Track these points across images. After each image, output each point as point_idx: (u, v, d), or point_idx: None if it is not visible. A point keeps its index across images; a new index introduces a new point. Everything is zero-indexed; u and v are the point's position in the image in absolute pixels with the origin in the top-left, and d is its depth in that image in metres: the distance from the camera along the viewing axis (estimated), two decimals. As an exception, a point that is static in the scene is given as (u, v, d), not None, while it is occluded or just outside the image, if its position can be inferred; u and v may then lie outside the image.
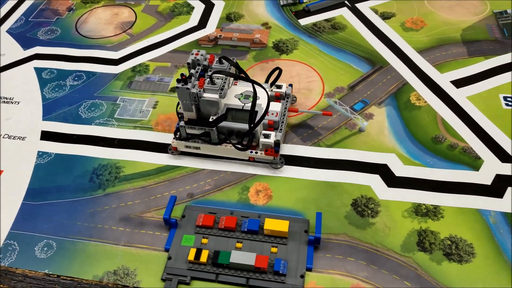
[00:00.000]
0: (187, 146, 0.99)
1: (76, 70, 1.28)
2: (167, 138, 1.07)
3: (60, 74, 1.27)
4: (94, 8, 1.51)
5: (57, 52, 1.35)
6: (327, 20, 1.40)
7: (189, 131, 0.96)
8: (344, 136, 1.06)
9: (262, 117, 0.93)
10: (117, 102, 1.17)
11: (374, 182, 0.95)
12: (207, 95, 0.91)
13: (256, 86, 0.95)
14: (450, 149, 1.00)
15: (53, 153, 1.06)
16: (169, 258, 0.82)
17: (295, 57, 1.28)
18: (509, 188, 0.92)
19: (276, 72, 1.08)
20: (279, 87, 1.05)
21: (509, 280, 0.78)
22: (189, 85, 0.89)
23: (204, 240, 0.84)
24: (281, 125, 0.98)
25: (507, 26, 1.32)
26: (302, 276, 0.79)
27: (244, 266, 0.78)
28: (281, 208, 0.91)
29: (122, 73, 1.26)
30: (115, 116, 1.14)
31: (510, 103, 1.10)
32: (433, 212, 0.89)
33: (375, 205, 0.91)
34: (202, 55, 0.96)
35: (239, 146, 0.96)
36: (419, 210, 0.89)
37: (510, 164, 0.96)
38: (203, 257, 0.80)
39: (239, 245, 0.83)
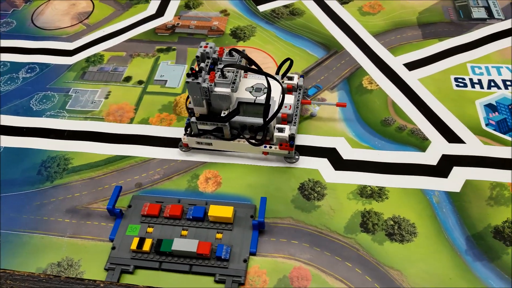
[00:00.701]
0: (198, 142, 0.96)
1: (29, 62, 1.26)
2: (117, 128, 1.06)
3: (13, 67, 1.26)
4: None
5: (12, 45, 1.33)
6: (286, 6, 1.40)
7: (200, 127, 0.93)
8: (301, 120, 1.06)
9: (277, 111, 0.88)
10: (69, 94, 1.16)
11: (322, 165, 0.96)
12: (218, 89, 0.87)
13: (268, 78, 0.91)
14: (398, 131, 1.01)
15: (1, 147, 1.04)
16: (113, 248, 0.82)
17: (252, 44, 1.28)
18: (454, 168, 0.93)
19: (288, 63, 1.03)
20: (291, 78, 1.01)
21: (449, 257, 0.80)
22: (199, 80, 0.85)
23: (150, 229, 0.84)
24: (295, 118, 0.94)
25: (463, 8, 1.33)
26: (245, 261, 0.80)
27: (187, 253, 0.79)
28: (230, 195, 0.92)
29: (76, 64, 1.25)
30: (66, 107, 1.13)
31: (460, 84, 1.12)
32: (378, 193, 0.90)
33: (321, 188, 0.92)
34: (211, 47, 0.92)
35: (253, 141, 0.92)
36: (364, 192, 0.90)
37: (456, 144, 0.97)
38: (146, 246, 0.80)
39: (184, 232, 0.84)
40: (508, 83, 1.11)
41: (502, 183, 0.90)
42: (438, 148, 0.97)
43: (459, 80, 1.12)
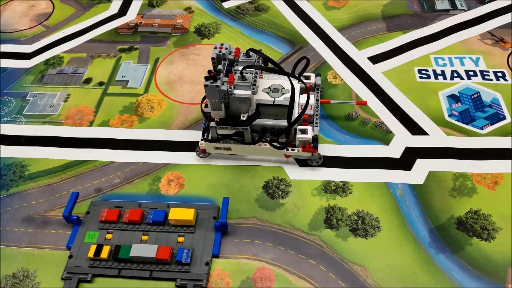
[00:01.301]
0: (216, 148, 0.93)
1: (-15, 67, 1.22)
2: (77, 131, 1.03)
3: (-32, 72, 1.21)
4: (10, 1, 1.44)
5: (-33, 49, 1.28)
6: (251, 2, 1.38)
7: (220, 131, 0.89)
8: (261, 119, 1.04)
9: (302, 112, 0.85)
10: (27, 98, 1.13)
11: (287, 163, 0.95)
12: (238, 92, 0.84)
13: (287, 78, 0.88)
14: (362, 125, 1.01)
15: (-45, 155, 1.01)
16: (70, 256, 0.80)
17: (216, 41, 1.26)
18: (417, 160, 0.93)
19: (304, 62, 0.96)
20: (307, 77, 0.97)
21: (413, 250, 0.80)
22: (218, 82, 0.82)
23: (108, 236, 0.82)
24: (316, 119, 0.91)
25: (427, 0, 1.33)
26: (207, 264, 0.78)
27: (146, 258, 0.77)
28: (193, 196, 0.90)
29: (35, 67, 1.21)
30: (23, 112, 1.09)
31: (424, 76, 1.12)
32: (342, 188, 0.89)
33: (286, 186, 0.90)
34: (226, 48, 0.88)
35: (277, 144, 0.88)
36: (328, 188, 0.89)
37: (420, 136, 0.97)
38: (104, 253, 0.78)
39: (144, 237, 0.82)
40: (471, 73, 1.11)
41: (464, 174, 0.90)
42: (401, 140, 0.97)
43: (423, 71, 1.12)
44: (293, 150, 0.90)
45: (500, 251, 0.78)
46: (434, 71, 1.12)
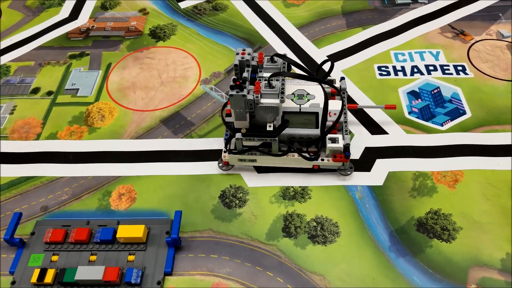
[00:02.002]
0: (241, 160, 0.89)
1: None
2: (23, 146, 0.99)
3: None
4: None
5: None
6: (208, 1, 1.34)
7: (245, 143, 0.85)
8: (218, 125, 1.02)
9: (337, 120, 0.81)
10: (-30, 112, 1.07)
11: (245, 169, 0.92)
12: (265, 101, 0.79)
13: (309, 83, 0.86)
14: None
15: None
16: (13, 282, 0.75)
17: (172, 43, 1.22)
18: (377, 160, 0.91)
19: (329, 65, 0.92)
20: (332, 82, 0.92)
21: (373, 255, 0.78)
22: (244, 91, 0.77)
23: (54, 258, 0.78)
24: (345, 126, 0.86)
25: (387, -6, 1.32)
26: (159, 283, 0.75)
27: (93, 281, 0.74)
28: (145, 210, 0.87)
29: (-22, 79, 1.15)
30: (-35, 128, 1.03)
31: (384, 73, 1.10)
32: (301, 194, 0.87)
33: (243, 194, 0.88)
34: (249, 54, 0.83)
35: (308, 155, 0.85)
36: (286, 194, 0.87)
37: (379, 135, 0.96)
38: (48, 277, 0.74)
39: (92, 258, 0.78)
40: (431, 68, 1.10)
41: (425, 173, 0.88)
42: (361, 141, 0.95)
43: (383, 68, 1.11)
44: (322, 160, 0.86)
45: (460, 252, 0.77)
46: (394, 67, 1.11)
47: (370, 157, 0.92)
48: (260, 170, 0.92)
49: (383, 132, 0.96)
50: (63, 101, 1.08)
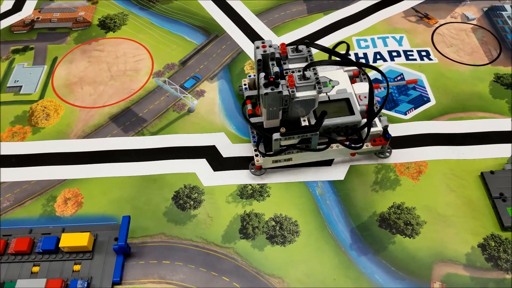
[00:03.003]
0: (276, 161, 0.85)
1: None
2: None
3: None
4: None
5: None
6: (162, -12, 1.29)
7: (284, 142, 0.80)
8: (172, 120, 0.98)
9: (383, 105, 0.80)
10: None
11: (200, 167, 0.89)
12: (301, 94, 0.75)
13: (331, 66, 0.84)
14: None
15: None
16: None
17: (123, 34, 1.17)
18: (339, 154, 0.89)
19: (345, 47, 0.91)
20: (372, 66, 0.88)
21: (332, 255, 0.76)
22: (280, 88, 0.73)
23: (-8, 271, 0.73)
24: (376, 108, 0.84)
25: (349, -23, 1.29)
26: (107, 293, 0.71)
27: (33, 295, 0.69)
28: (93, 216, 0.82)
29: None
30: None
31: (346, 60, 1.07)
32: (259, 192, 0.84)
33: (198, 194, 0.84)
34: (271, 46, 0.79)
35: (355, 145, 0.83)
36: (244, 192, 0.84)
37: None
38: (-17, 294, 0.69)
39: (35, 269, 0.74)
40: (394, 54, 1.08)
41: (387, 165, 0.87)
42: (322, 133, 0.92)
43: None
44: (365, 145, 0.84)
45: (424, 247, 0.76)
46: (356, 54, 1.08)
47: (331, 150, 0.89)
48: (216, 167, 0.88)
49: (345, 123, 0.93)
50: (5, 99, 1.02)
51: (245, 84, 0.93)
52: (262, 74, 0.73)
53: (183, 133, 0.95)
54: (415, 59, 1.06)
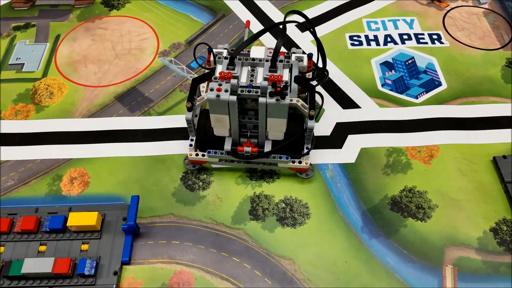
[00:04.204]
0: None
1: None
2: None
3: None
4: None
5: None
6: (167, -34, 1.27)
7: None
8: (179, 100, 0.97)
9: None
10: None
11: (208, 149, 0.88)
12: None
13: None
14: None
15: None
16: (-49, 279, 0.70)
17: (127, 12, 1.16)
18: (349, 136, 0.89)
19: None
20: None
21: (343, 238, 0.77)
22: (287, 99, 0.72)
23: (0, 249, 0.73)
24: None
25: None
26: (116, 273, 0.71)
27: (42, 274, 0.69)
28: (100, 195, 0.82)
29: None
30: None
31: (356, 43, 1.07)
32: (269, 174, 0.84)
33: (207, 175, 0.84)
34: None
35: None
36: (253, 174, 0.84)
37: (351, 110, 0.93)
38: (-9, 272, 0.69)
39: (42, 248, 0.74)
40: (405, 37, 1.08)
41: (399, 148, 0.87)
42: (331, 116, 0.92)
43: (354, 38, 1.08)
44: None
45: (436, 231, 0.76)
46: (366, 36, 1.08)
47: (341, 133, 0.90)
48: (225, 149, 0.88)
49: (355, 106, 0.94)
50: (6, 77, 1.02)
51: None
52: (272, 82, 0.71)
53: (182, 114, 0.94)
54: (426, 43, 1.06)
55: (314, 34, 0.78)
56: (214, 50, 0.84)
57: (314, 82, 0.84)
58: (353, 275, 0.72)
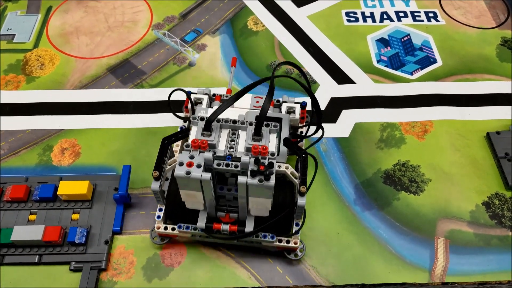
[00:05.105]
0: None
1: None
2: None
3: None
4: None
5: None
6: None
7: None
8: (172, 73, 0.96)
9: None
10: None
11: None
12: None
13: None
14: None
15: None
16: None
17: (121, -15, 1.13)
18: (343, 111, 0.88)
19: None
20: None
21: (336, 210, 0.76)
22: (271, 180, 0.58)
23: (-12, 218, 0.72)
24: None
25: None
26: (107, 242, 0.70)
27: (32, 242, 0.69)
28: (91, 166, 0.81)
29: None
30: None
31: (352, 19, 1.06)
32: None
33: (200, 148, 0.82)
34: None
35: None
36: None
37: (346, 85, 0.92)
38: (-20, 239, 0.68)
39: (32, 217, 0.73)
40: (401, 14, 1.06)
41: (393, 123, 0.86)
42: (326, 91, 0.91)
43: (351, 14, 1.07)
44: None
45: (429, 204, 0.76)
46: (362, 13, 1.07)
47: (335, 107, 0.89)
48: (219, 122, 0.87)
49: (350, 81, 0.93)
50: (-4, 48, 0.99)
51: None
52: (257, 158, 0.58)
53: (184, 87, 0.93)
54: (422, 20, 1.05)
55: (308, 89, 0.65)
56: (192, 96, 0.76)
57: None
58: (345, 246, 0.71)
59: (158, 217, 0.70)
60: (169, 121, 0.86)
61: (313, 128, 0.74)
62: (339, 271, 0.69)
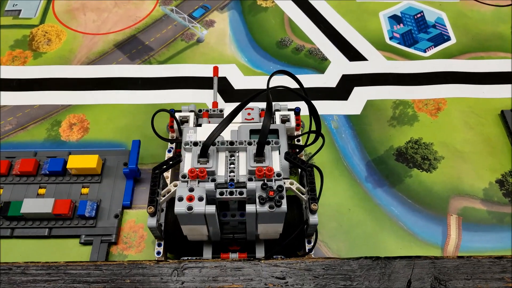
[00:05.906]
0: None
1: None
2: None
3: None
4: None
5: None
6: None
7: None
8: (180, 49, 0.96)
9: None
10: None
11: (210, 99, 0.87)
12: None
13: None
14: (295, 53, 0.94)
15: None
16: (-51, 218, 0.70)
17: (127, -38, 1.13)
18: (355, 89, 0.88)
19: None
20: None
21: (347, 186, 0.77)
22: (283, 205, 0.55)
23: (-2, 191, 0.73)
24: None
25: None
26: (117, 216, 0.71)
27: (41, 215, 0.69)
28: (100, 141, 0.82)
29: None
30: None
31: (364, -4, 1.05)
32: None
33: (209, 125, 0.83)
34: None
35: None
36: (257, 124, 0.83)
37: (358, 62, 0.92)
38: (-10, 212, 0.69)
39: (41, 191, 0.73)
40: (414, -9, 1.05)
41: (405, 101, 0.86)
42: (338, 68, 0.91)
43: (363, -10, 1.05)
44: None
45: (441, 182, 0.76)
46: (374, -10, 1.05)
47: (347, 85, 0.89)
48: (227, 99, 0.87)
49: (362, 58, 0.93)
50: (3, 23, 1.00)
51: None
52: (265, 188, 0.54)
53: (192, 63, 0.93)
54: (435, -3, 1.04)
55: (305, 98, 0.63)
56: (177, 115, 0.71)
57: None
58: (356, 222, 0.72)
59: (158, 253, 0.64)
60: (177, 97, 0.86)
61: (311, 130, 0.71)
62: (350, 247, 0.69)
